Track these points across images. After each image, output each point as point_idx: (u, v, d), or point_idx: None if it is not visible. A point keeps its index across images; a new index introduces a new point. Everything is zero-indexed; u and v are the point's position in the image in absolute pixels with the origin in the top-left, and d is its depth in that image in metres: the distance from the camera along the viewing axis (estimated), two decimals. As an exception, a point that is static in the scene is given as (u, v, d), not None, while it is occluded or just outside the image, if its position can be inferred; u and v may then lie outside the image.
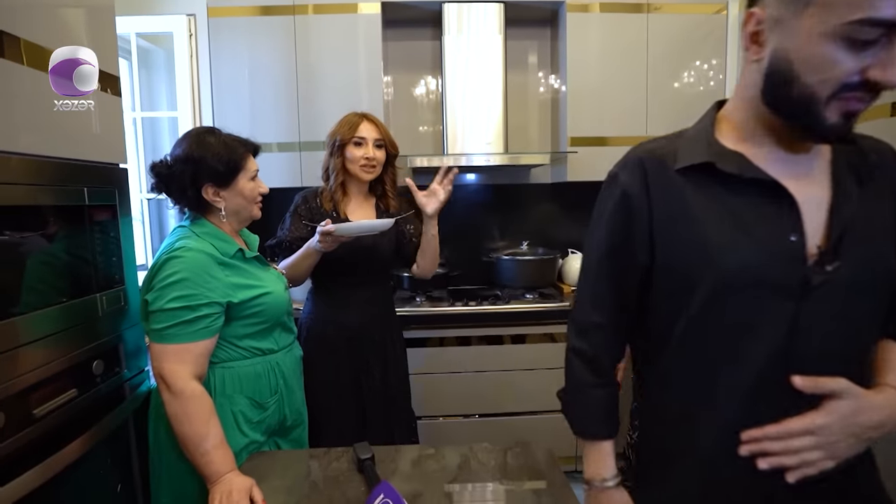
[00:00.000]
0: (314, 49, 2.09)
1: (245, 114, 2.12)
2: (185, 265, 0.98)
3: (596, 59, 2.16)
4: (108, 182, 1.10)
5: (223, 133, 1.09)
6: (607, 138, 2.20)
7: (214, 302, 1.00)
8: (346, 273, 1.49)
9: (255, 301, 1.07)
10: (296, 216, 1.49)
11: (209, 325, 1.00)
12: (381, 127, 1.49)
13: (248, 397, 1.08)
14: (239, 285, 1.05)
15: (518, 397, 2.06)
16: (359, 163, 1.45)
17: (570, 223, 2.49)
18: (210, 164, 1.03)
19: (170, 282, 0.97)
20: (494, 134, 2.18)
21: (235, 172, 1.06)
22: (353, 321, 1.50)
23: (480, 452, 1.06)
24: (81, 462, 1.02)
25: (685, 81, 2.19)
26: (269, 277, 1.15)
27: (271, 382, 1.12)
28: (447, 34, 2.14)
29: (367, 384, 1.51)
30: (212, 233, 1.07)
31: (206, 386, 1.02)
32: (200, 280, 0.98)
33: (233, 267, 1.06)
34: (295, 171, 2.14)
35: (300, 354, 1.26)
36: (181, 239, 1.03)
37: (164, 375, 0.96)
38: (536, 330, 2.03)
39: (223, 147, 1.05)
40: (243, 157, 1.08)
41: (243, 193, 1.09)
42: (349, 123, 1.47)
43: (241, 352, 1.09)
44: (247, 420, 1.08)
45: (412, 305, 2.09)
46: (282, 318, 1.15)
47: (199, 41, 2.05)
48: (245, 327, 1.08)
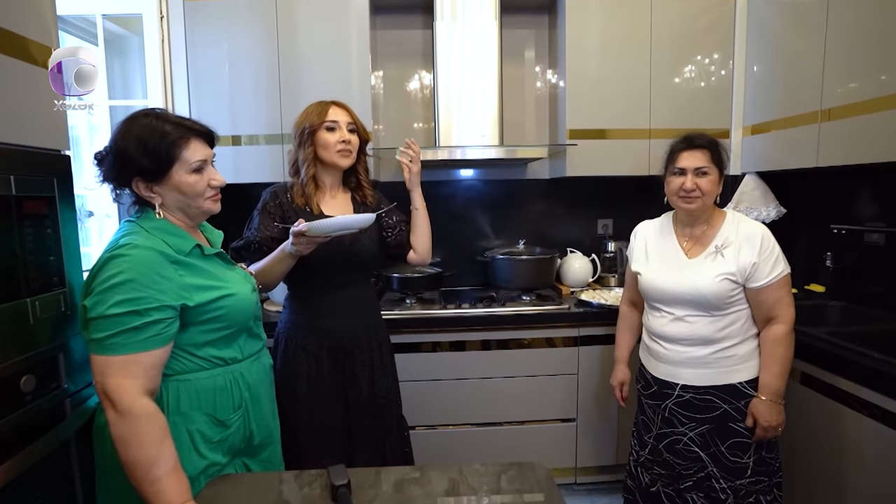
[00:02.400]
0: (297, 35, 1.97)
1: (224, 104, 1.99)
2: (130, 264, 0.86)
3: (596, 47, 2.05)
4: (45, 170, 0.96)
5: (163, 115, 0.94)
6: (608, 131, 2.08)
7: (166, 305, 0.88)
8: (325, 275, 1.36)
9: (216, 304, 0.95)
10: (265, 214, 1.36)
11: (161, 332, 0.87)
12: (351, 112, 1.40)
13: (206, 414, 0.96)
14: (196, 286, 0.93)
15: (515, 406, 1.94)
16: (334, 148, 1.34)
17: (569, 221, 2.38)
18: (132, 156, 0.90)
19: (112, 284, 0.85)
20: (489, 126, 2.06)
21: (167, 165, 0.92)
22: (335, 328, 1.38)
23: (471, 475, 0.95)
24: (11, 489, 0.89)
25: (690, 71, 2.08)
26: (233, 277, 1.03)
27: (234, 396, 1.00)
28: (439, 20, 2.02)
29: (353, 396, 1.40)
30: (163, 227, 0.94)
31: (158, 402, 0.90)
32: (149, 281, 0.86)
33: (189, 265, 0.94)
34: (277, 164, 2.01)
35: (269, 363, 1.14)
36: (127, 235, 0.91)
37: (108, 392, 0.84)
38: (534, 334, 1.90)
39: (149, 134, 0.91)
40: (177, 146, 0.92)
41: (181, 189, 0.94)
42: (317, 110, 1.36)
43: (199, 362, 0.96)
44: (205, 440, 0.95)
45: (402, 308, 1.96)
46: (247, 322, 1.03)
47: (172, 25, 1.92)
48: (204, 334, 0.96)
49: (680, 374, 1.33)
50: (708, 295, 1.26)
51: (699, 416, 1.31)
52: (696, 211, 1.32)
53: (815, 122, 1.68)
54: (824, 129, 1.66)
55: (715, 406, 1.29)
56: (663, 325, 1.35)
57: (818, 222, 2.03)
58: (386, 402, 1.45)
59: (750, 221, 1.32)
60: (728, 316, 1.28)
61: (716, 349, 1.28)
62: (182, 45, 1.95)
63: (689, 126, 2.06)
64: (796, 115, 1.78)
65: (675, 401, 1.34)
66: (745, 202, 2.10)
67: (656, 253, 1.40)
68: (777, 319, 1.27)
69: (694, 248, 1.34)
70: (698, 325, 1.29)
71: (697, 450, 1.32)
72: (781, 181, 2.08)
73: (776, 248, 1.27)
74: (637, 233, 1.49)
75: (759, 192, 2.09)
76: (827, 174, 1.83)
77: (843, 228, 1.82)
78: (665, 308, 1.35)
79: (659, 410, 1.38)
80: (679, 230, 1.38)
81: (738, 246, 1.27)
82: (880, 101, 1.45)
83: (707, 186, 1.28)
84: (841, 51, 1.59)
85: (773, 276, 1.25)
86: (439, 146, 2.05)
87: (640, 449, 1.45)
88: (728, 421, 1.29)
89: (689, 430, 1.32)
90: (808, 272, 2.08)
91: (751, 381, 1.29)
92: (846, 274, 1.90)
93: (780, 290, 1.26)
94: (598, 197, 2.33)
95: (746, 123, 2.07)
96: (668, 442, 1.36)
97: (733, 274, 1.25)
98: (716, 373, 1.29)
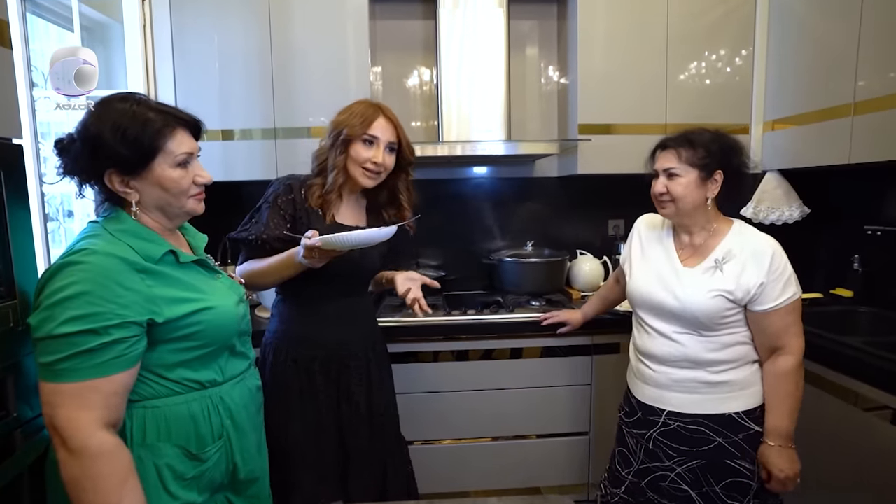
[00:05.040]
0: (292, 23, 1.85)
1: (213, 95, 1.87)
2: (85, 274, 0.73)
3: (609, 38, 1.93)
4: None
5: (145, 101, 0.83)
6: (621, 126, 1.96)
7: (130, 322, 0.75)
8: (324, 283, 1.23)
9: (190, 319, 0.82)
10: (275, 209, 1.20)
11: (124, 352, 0.75)
12: (398, 127, 1.23)
13: (178, 446, 0.83)
14: (167, 298, 0.81)
15: (523, 419, 1.82)
16: (363, 164, 1.19)
17: (579, 221, 2.26)
18: (109, 145, 0.78)
19: (63, 297, 0.72)
20: (496, 120, 1.94)
21: (148, 156, 0.80)
22: (329, 339, 1.25)
23: None
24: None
25: (707, 63, 1.96)
26: (213, 288, 0.90)
27: (213, 424, 0.87)
28: (442, 7, 1.91)
29: (348, 413, 1.27)
30: (131, 230, 0.82)
31: (120, 434, 0.78)
32: (107, 293, 0.74)
33: (158, 275, 0.81)
34: (270, 161, 1.88)
35: (256, 385, 1.00)
36: (86, 238, 0.79)
37: (58, 426, 0.71)
38: (544, 342, 1.78)
39: (130, 121, 0.79)
40: (161, 135, 0.81)
41: (162, 184, 0.83)
42: (362, 116, 1.19)
43: (171, 385, 0.83)
44: (176, 476, 0.82)
45: (402, 314, 1.83)
46: (229, 340, 0.90)
47: (155, 9, 1.79)
48: (176, 353, 0.83)
49: (666, 398, 1.17)
50: (696, 311, 1.10)
51: (688, 448, 1.15)
52: (673, 217, 1.18)
53: (847, 115, 1.57)
54: (857, 123, 1.54)
55: (707, 439, 1.13)
56: (649, 343, 1.19)
57: (845, 223, 1.92)
58: (385, 420, 1.33)
59: (759, 235, 1.14)
60: (722, 337, 1.12)
61: (706, 373, 1.13)
62: (167, 32, 1.82)
63: (706, 121, 1.93)
64: (825, 108, 1.66)
65: (659, 430, 1.18)
66: (767, 201, 1.99)
67: (649, 255, 1.24)
68: (784, 350, 1.11)
69: (691, 258, 1.17)
70: (687, 344, 1.13)
71: (687, 488, 1.15)
72: (804, 179, 1.96)
73: (788, 267, 1.10)
74: (637, 227, 1.33)
75: (780, 191, 1.97)
76: (855, 171, 1.72)
77: (878, 229, 1.70)
78: (649, 322, 1.19)
79: (642, 441, 1.21)
80: (677, 236, 1.22)
81: (743, 262, 1.10)
82: (880, 99, 1.34)
83: (677, 190, 1.12)
84: (878, 40, 1.47)
85: (783, 299, 1.08)
86: (442, 141, 1.93)
87: (612, 487, 1.27)
88: (723, 457, 1.12)
89: (676, 465, 1.16)
90: (835, 276, 1.96)
91: (749, 411, 1.13)
92: (877, 278, 1.79)
93: (789, 317, 1.10)
94: (609, 196, 2.21)
95: (768, 118, 1.96)
96: (653, 478, 1.19)
97: (730, 292, 1.09)
98: (706, 400, 1.13)
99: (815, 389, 1.37)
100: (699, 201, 1.14)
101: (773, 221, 1.98)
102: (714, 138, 1.14)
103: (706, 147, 1.13)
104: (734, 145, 1.15)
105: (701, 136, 1.15)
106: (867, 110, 1.50)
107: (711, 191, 1.14)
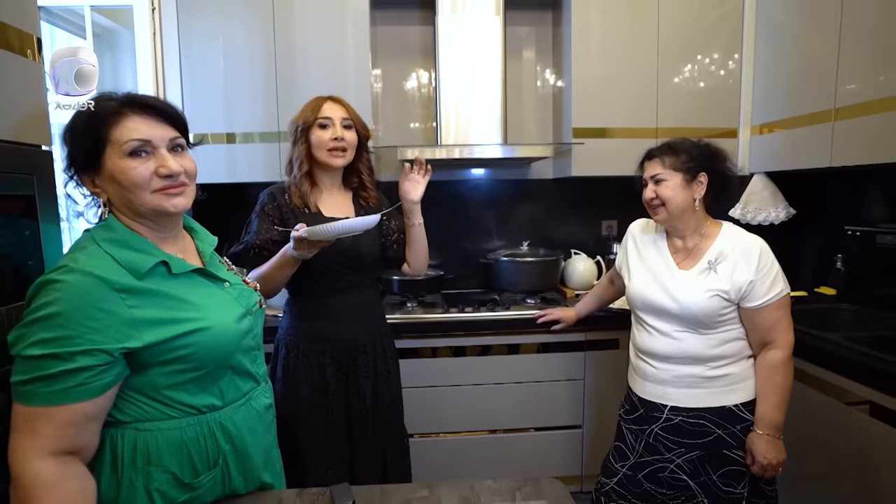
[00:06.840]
0: (294, 29, 1.91)
1: (219, 100, 1.92)
2: (60, 294, 0.68)
3: (602, 44, 2.00)
4: (21, 167, 0.86)
5: (117, 96, 0.77)
6: (614, 130, 2.03)
7: (99, 349, 0.68)
8: (329, 278, 1.30)
9: (178, 342, 0.74)
10: (263, 216, 1.30)
11: (87, 381, 0.68)
12: (347, 107, 1.33)
13: (169, 472, 0.77)
14: (150, 321, 0.72)
15: (519, 413, 1.89)
16: (326, 146, 1.27)
17: (573, 222, 2.32)
18: (66, 144, 0.76)
19: (37, 317, 0.68)
20: (493, 124, 2.01)
21: (97, 148, 0.74)
22: (338, 332, 1.32)
23: (484, 492, 0.91)
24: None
25: (697, 68, 2.03)
26: (213, 301, 0.81)
27: (209, 452, 0.80)
28: (441, 15, 1.96)
29: (356, 405, 1.34)
30: (120, 239, 0.75)
31: (113, 453, 0.75)
32: (81, 316, 0.68)
33: (143, 293, 0.73)
34: (273, 163, 1.94)
35: (266, 404, 0.91)
36: (72, 252, 0.74)
37: (8, 450, 0.67)
38: (539, 339, 1.85)
39: (79, 114, 0.75)
40: (105, 124, 0.74)
41: (115, 178, 0.74)
42: (312, 106, 1.30)
43: (163, 409, 0.77)
44: (167, 500, 0.78)
45: (402, 311, 1.90)
46: (228, 361, 0.82)
47: (164, 17, 1.85)
48: (167, 376, 0.76)
49: (668, 394, 1.22)
50: (696, 311, 1.16)
51: (689, 441, 1.20)
52: (665, 222, 1.24)
53: (829, 120, 1.64)
54: (838, 128, 1.61)
55: (707, 431, 1.19)
56: (650, 342, 1.25)
57: (828, 224, 1.99)
58: (390, 413, 1.39)
59: (746, 235, 1.20)
60: (720, 334, 1.18)
61: (706, 368, 1.18)
62: (175, 39, 1.88)
63: (696, 125, 2.02)
64: (808, 113, 1.73)
65: (662, 425, 1.22)
66: (754, 203, 2.06)
67: (646, 258, 1.30)
68: (774, 344, 1.16)
69: (686, 261, 1.23)
70: (687, 341, 1.19)
71: (686, 478, 1.21)
72: (790, 181, 2.03)
73: (775, 264, 1.16)
74: (631, 231, 1.39)
75: (767, 193, 2.04)
76: (838, 174, 1.79)
77: (857, 230, 1.77)
78: (650, 322, 1.25)
79: (642, 437, 1.26)
80: (670, 240, 1.28)
81: (734, 261, 1.16)
82: (880, 101, 1.41)
83: (665, 193, 1.19)
84: (856, 47, 1.54)
85: (771, 295, 1.14)
86: (441, 144, 1.99)
87: (605, 477, 1.33)
88: (722, 447, 1.18)
89: (676, 457, 1.21)
90: (819, 274, 2.04)
91: (746, 403, 1.18)
92: (858, 276, 1.86)
93: (778, 312, 1.15)
94: (603, 197, 2.28)
95: (755, 122, 2.03)
96: (651, 470, 1.25)
97: (726, 291, 1.15)
98: (707, 393, 1.19)
99: (798, 384, 1.44)
100: (687, 203, 1.20)
101: (760, 222, 2.05)
102: (694, 144, 1.22)
103: (688, 152, 1.21)
104: (715, 151, 1.23)
105: (683, 143, 1.23)
106: (847, 116, 1.57)
107: (697, 192, 1.20)
